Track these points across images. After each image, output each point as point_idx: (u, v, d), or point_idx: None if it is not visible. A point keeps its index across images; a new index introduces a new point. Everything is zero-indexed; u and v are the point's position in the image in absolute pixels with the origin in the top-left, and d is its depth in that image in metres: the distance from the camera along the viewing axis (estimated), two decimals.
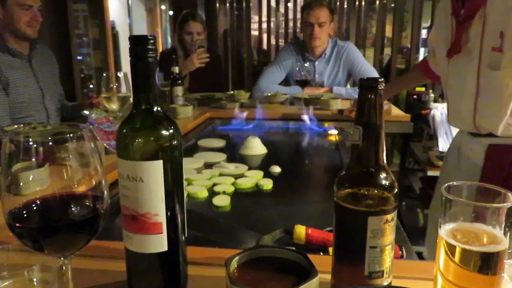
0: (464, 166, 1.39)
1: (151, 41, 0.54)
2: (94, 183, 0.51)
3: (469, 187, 0.55)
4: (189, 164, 1.36)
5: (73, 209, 0.51)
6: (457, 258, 0.52)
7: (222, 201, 1.09)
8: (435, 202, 1.58)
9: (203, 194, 1.14)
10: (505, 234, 0.51)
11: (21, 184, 0.54)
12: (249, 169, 1.33)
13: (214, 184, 1.20)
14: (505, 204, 0.50)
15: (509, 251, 0.52)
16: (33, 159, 0.49)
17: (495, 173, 1.26)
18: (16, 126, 1.63)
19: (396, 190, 0.55)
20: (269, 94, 2.65)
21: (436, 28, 1.50)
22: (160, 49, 5.51)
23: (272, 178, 1.24)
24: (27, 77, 2.06)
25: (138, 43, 0.54)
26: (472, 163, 1.33)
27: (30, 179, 0.53)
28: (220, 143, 1.70)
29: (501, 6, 1.15)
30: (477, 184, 0.56)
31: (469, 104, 1.29)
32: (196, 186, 1.17)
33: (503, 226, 0.51)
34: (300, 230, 0.81)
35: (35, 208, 0.50)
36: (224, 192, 1.15)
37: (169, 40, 5.91)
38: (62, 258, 0.52)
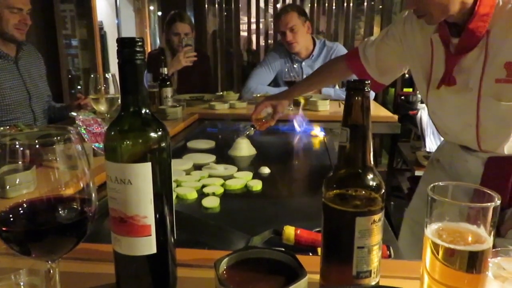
0: (456, 176, 1.32)
1: (139, 43, 0.54)
2: (81, 185, 0.51)
3: (454, 187, 0.56)
4: (178, 166, 1.35)
5: (60, 212, 0.50)
6: (442, 257, 0.53)
7: (212, 202, 1.09)
8: (414, 204, 1.56)
9: (192, 195, 1.13)
10: (489, 233, 0.52)
11: (7, 187, 0.53)
12: (239, 170, 1.34)
13: (204, 186, 1.20)
14: (489, 204, 0.51)
15: (493, 250, 0.53)
16: (19, 162, 0.49)
17: (495, 183, 1.18)
18: (2, 128, 1.61)
19: (383, 190, 0.56)
20: (258, 95, 2.65)
21: (406, 49, 1.36)
22: (148, 49, 5.48)
23: (261, 179, 1.25)
24: (13, 79, 2.04)
25: (126, 45, 0.54)
26: (467, 173, 1.27)
27: (17, 182, 0.52)
28: (209, 144, 1.70)
29: (507, 36, 1.08)
30: (462, 184, 0.57)
31: (469, 133, 1.21)
32: (185, 188, 1.17)
33: (487, 225, 0.52)
34: (289, 231, 0.81)
35: (21, 211, 0.49)
36: (213, 194, 1.15)
37: (158, 41, 5.88)
38: (49, 262, 0.52)
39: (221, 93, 2.87)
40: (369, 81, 0.54)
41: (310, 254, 0.78)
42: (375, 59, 1.45)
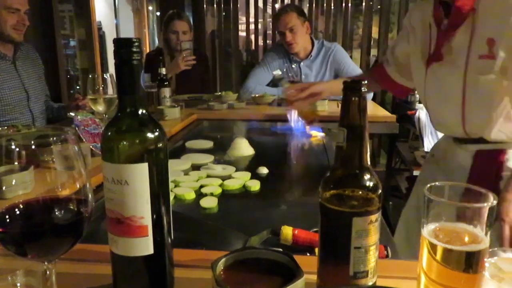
0: (447, 171, 1.37)
1: (136, 44, 0.54)
2: (78, 186, 0.51)
3: (451, 188, 0.56)
4: (177, 166, 1.35)
5: (57, 213, 0.50)
6: (439, 257, 0.53)
7: (210, 202, 1.09)
8: (411, 203, 1.58)
9: (191, 196, 1.13)
10: (485, 233, 0.52)
11: (4, 188, 0.53)
12: (237, 170, 1.34)
13: (202, 186, 1.20)
14: (485, 204, 0.52)
15: (490, 250, 0.53)
16: (16, 163, 0.49)
17: (483, 176, 1.25)
18: (0, 128, 1.61)
19: (380, 191, 0.56)
20: (257, 95, 2.65)
21: (411, 38, 1.40)
22: (147, 49, 5.48)
23: (259, 179, 1.25)
24: (11, 80, 2.03)
25: (123, 45, 0.54)
26: (458, 167, 1.31)
27: (13, 182, 0.52)
28: (207, 144, 1.70)
29: (491, 14, 1.14)
30: (459, 184, 0.57)
31: (456, 112, 1.26)
32: (184, 188, 1.17)
33: (484, 225, 0.52)
34: (287, 231, 0.81)
35: (18, 212, 0.49)
36: (211, 194, 1.15)
37: (156, 41, 5.88)
38: (46, 263, 0.52)
39: (220, 93, 2.87)
40: (365, 82, 0.54)
41: (308, 254, 0.78)
42: (392, 57, 1.50)
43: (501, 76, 1.14)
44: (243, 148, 1.57)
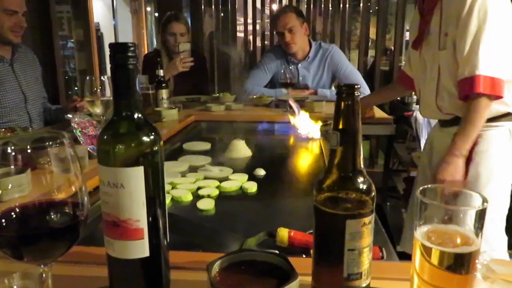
0: (435, 160, 1.53)
1: (131, 49, 0.54)
2: (74, 189, 0.51)
3: (443, 190, 0.57)
4: (174, 168, 1.36)
5: (52, 216, 0.51)
6: (432, 259, 0.54)
7: (207, 204, 1.09)
8: (412, 203, 1.66)
9: (188, 197, 1.14)
10: (477, 235, 0.53)
11: (0, 190, 0.53)
12: (234, 172, 1.34)
13: (199, 188, 1.20)
14: (476, 207, 0.52)
15: (482, 251, 0.54)
16: (13, 166, 0.49)
17: None
18: None
19: (374, 193, 0.57)
20: (255, 97, 2.66)
21: (410, 27, 1.71)
22: (145, 51, 5.48)
23: (256, 181, 1.25)
24: (9, 82, 2.03)
25: (118, 50, 0.54)
26: (443, 151, 1.43)
27: (10, 186, 0.52)
28: (205, 146, 1.70)
29: None
30: (451, 187, 0.58)
31: (432, 89, 1.49)
32: (181, 190, 1.17)
33: (475, 227, 0.53)
34: (283, 233, 0.82)
35: (14, 215, 0.50)
36: (208, 196, 1.15)
37: (155, 42, 5.88)
38: (42, 266, 0.52)
39: (218, 94, 2.87)
40: (358, 86, 0.55)
41: (304, 256, 0.79)
42: (408, 61, 1.74)
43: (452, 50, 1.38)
44: (241, 150, 1.58)
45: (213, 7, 4.28)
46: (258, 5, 4.23)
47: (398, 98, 3.45)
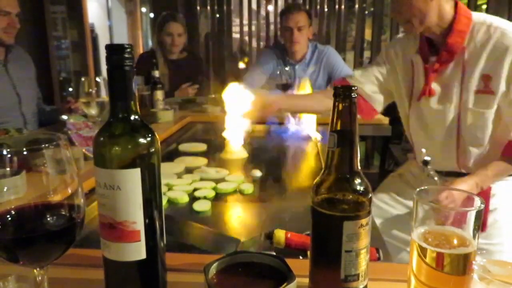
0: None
1: (128, 50, 0.54)
2: (70, 191, 0.51)
3: (440, 192, 0.57)
4: (170, 169, 1.35)
5: (48, 218, 0.50)
6: (428, 260, 0.54)
7: (203, 206, 1.09)
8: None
9: (184, 199, 1.13)
10: (473, 236, 0.53)
11: None
12: (230, 173, 1.34)
13: (195, 189, 1.20)
14: (472, 208, 0.52)
15: (478, 252, 0.54)
16: (7, 168, 0.49)
17: None
18: None
19: (371, 195, 0.57)
20: None
21: (391, 70, 1.48)
22: (140, 51, 5.46)
23: (253, 183, 1.25)
24: (3, 83, 2.02)
25: (115, 51, 0.54)
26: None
27: (5, 188, 0.52)
28: (201, 147, 1.70)
29: (483, 52, 1.25)
30: (448, 188, 0.58)
31: (450, 147, 1.36)
32: (177, 191, 1.17)
33: (471, 229, 0.53)
34: (280, 234, 0.81)
35: (9, 217, 0.49)
36: (204, 197, 1.15)
37: (150, 43, 5.87)
38: (38, 269, 0.52)
39: (213, 95, 2.87)
40: (356, 87, 0.55)
41: (301, 257, 0.79)
42: (358, 77, 1.54)
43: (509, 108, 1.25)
44: (237, 151, 1.58)
45: (208, 8, 4.28)
46: (254, 6, 4.24)
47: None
